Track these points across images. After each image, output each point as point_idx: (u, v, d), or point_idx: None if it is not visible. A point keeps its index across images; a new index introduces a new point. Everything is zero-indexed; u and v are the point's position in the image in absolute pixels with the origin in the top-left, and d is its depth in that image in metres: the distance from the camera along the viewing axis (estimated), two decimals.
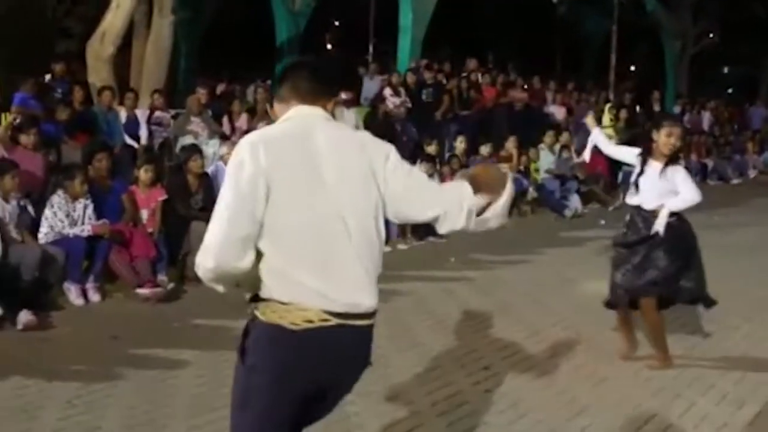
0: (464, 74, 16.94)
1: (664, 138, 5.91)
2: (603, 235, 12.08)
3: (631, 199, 6.17)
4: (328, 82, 3.05)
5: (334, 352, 2.81)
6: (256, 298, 2.85)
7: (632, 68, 37.11)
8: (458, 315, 7.34)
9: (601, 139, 6.91)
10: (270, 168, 2.73)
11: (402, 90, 14.95)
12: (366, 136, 3.07)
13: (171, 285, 7.81)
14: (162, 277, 7.83)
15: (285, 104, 2.99)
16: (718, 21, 30.66)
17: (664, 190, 5.94)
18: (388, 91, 15.08)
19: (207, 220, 2.52)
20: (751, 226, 12.96)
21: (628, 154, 6.38)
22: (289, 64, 3.30)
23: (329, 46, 34.75)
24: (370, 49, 25.64)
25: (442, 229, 3.01)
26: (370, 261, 2.83)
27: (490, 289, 8.41)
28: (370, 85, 17.46)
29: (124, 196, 8.11)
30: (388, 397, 5.29)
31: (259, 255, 2.76)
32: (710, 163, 20.45)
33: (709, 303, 6.25)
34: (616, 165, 16.23)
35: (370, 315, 2.85)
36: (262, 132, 2.93)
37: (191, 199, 8.54)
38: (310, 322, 2.75)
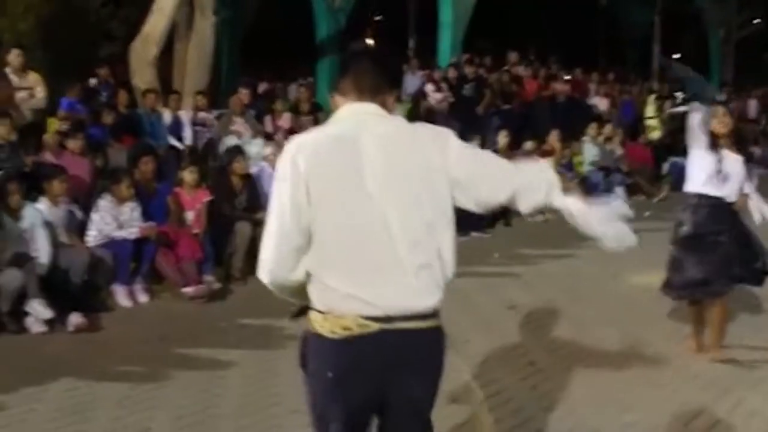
0: (505, 68, 16.87)
1: (713, 120, 5.91)
2: (648, 227, 11.92)
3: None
4: (390, 75, 2.91)
5: (382, 357, 2.72)
6: (307, 309, 2.82)
7: (677, 57, 36.66)
8: (502, 311, 7.33)
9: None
10: (309, 174, 2.67)
11: (444, 85, 14.92)
12: (422, 128, 2.90)
13: (217, 285, 7.88)
14: (208, 278, 7.90)
15: (344, 97, 2.86)
16: (763, 7, 30.16)
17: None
18: (430, 87, 15.07)
19: (251, 220, 2.57)
20: None
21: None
22: (351, 52, 3.18)
23: (370, 42, 34.78)
24: (411, 44, 25.66)
25: (521, 207, 2.89)
26: (421, 262, 2.71)
27: (535, 284, 8.39)
28: (411, 81, 17.45)
29: (170, 197, 8.20)
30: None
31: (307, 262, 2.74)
32: (757, 151, 20.11)
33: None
34: (660, 156, 16.11)
35: (423, 317, 2.74)
36: (306, 137, 2.80)
37: (235, 200, 8.61)
38: (348, 329, 2.69)
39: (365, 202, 2.69)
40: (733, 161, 5.90)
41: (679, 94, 19.34)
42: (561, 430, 4.79)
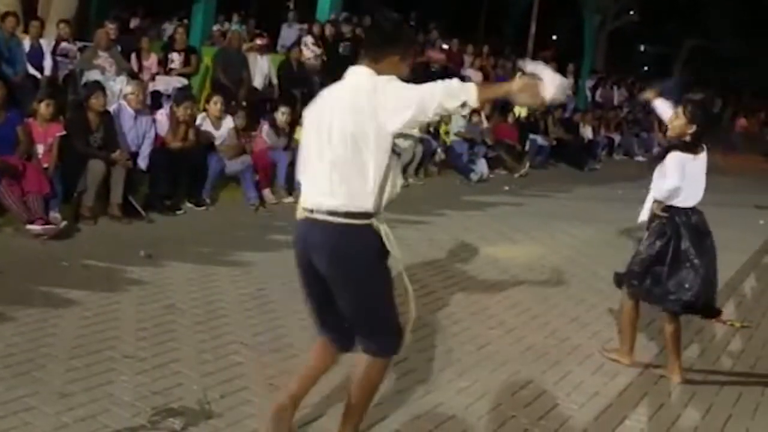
0: None
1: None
2: (505, 201, 12.35)
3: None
4: (389, 43, 3.71)
5: (308, 236, 3.72)
6: None
7: (554, 38, 37.52)
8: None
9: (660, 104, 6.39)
10: (307, 114, 3.81)
11: (318, 43, 14.81)
12: (364, 84, 3.61)
13: (64, 223, 7.63)
14: (55, 215, 7.65)
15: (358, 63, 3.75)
16: None
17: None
18: (309, 40, 14.92)
19: (105, 159, 3.04)
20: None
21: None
22: (371, 23, 4.30)
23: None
24: None
25: (449, 106, 3.54)
26: (344, 174, 3.58)
27: None
28: (288, 33, 17.26)
29: (20, 128, 7.85)
30: (275, 349, 5.33)
31: None
32: (617, 138, 20.89)
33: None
34: (524, 133, 16.51)
35: (335, 213, 3.59)
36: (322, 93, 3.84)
37: (90, 137, 8.34)
38: (301, 214, 3.76)
39: (319, 135, 3.67)
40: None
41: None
42: (391, 390, 4.87)
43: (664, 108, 6.28)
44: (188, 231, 8.38)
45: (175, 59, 12.33)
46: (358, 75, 3.68)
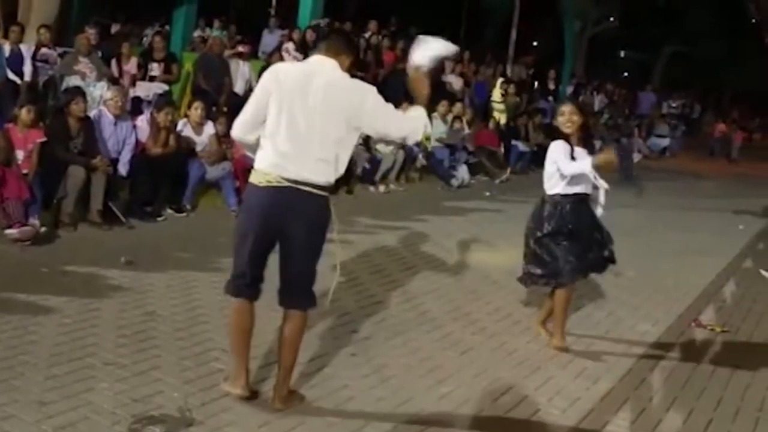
0: (364, 35, 16.88)
1: (559, 118, 6.01)
2: (486, 206, 12.38)
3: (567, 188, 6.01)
4: (347, 46, 4.50)
5: (285, 203, 4.23)
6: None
7: (535, 44, 37.67)
8: (332, 276, 7.35)
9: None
10: (275, 84, 4.28)
11: (300, 48, 14.80)
12: (355, 83, 4.35)
13: (43, 229, 7.58)
14: (34, 221, 7.59)
15: (317, 52, 4.44)
16: (619, 5, 31.34)
17: None
18: (291, 46, 14.91)
19: (85, 165, 3.47)
20: (629, 208, 13.36)
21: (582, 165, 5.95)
22: (331, 30, 5.29)
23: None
24: (273, 2, 25.33)
25: (409, 142, 4.60)
26: (323, 159, 4.24)
27: (368, 252, 8.46)
28: (269, 39, 17.24)
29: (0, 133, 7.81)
30: (254, 356, 5.27)
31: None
32: (598, 144, 20.93)
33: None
34: (506, 139, 16.56)
35: (317, 186, 4.24)
36: (285, 65, 4.66)
37: (70, 143, 8.29)
38: (270, 182, 4.23)
39: (303, 112, 4.22)
40: (584, 156, 5.92)
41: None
42: (372, 397, 4.87)
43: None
44: (169, 237, 8.35)
45: (155, 68, 12.26)
46: (334, 67, 4.35)
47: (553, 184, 6.02)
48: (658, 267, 9.24)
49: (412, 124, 4.43)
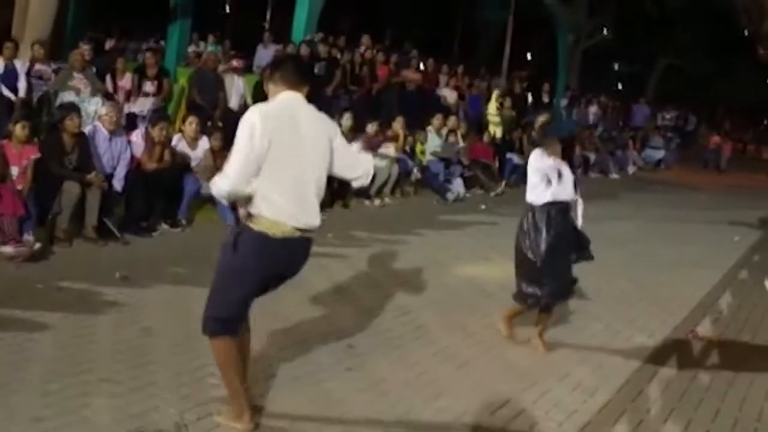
0: (359, 50, 16.91)
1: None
2: (482, 220, 12.37)
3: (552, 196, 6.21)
4: (305, 74, 4.50)
5: (294, 251, 4.31)
6: (249, 215, 4.25)
7: (529, 58, 37.78)
8: (329, 291, 7.37)
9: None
10: (273, 131, 4.12)
11: None
12: (324, 117, 4.46)
13: (38, 245, 7.56)
14: (29, 237, 7.57)
15: (276, 87, 4.35)
16: (612, 18, 31.45)
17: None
18: None
19: (80, 181, 3.38)
20: (625, 220, 13.43)
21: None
22: (279, 58, 5.00)
23: (227, 10, 34.21)
24: (267, 17, 25.40)
25: (355, 184, 4.72)
26: (318, 197, 4.32)
27: (364, 267, 8.46)
28: (264, 54, 17.27)
29: None
30: (252, 370, 5.28)
31: (258, 185, 4.15)
32: (592, 156, 21.01)
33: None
34: (500, 152, 16.58)
35: (312, 231, 4.32)
36: (267, 107, 4.24)
37: (65, 159, 8.27)
38: (284, 233, 4.19)
39: (302, 152, 4.22)
40: (565, 166, 6.24)
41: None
42: (369, 411, 4.85)
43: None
44: (164, 252, 8.33)
45: (148, 85, 12.26)
46: (303, 101, 4.38)
47: (539, 194, 6.18)
48: (653, 279, 9.24)
49: (366, 166, 4.60)
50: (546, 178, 6.16)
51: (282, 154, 4.14)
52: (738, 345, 7.17)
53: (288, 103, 4.30)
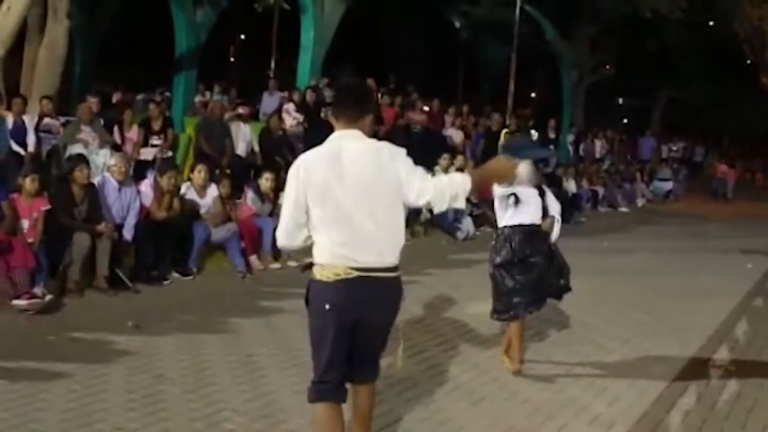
0: None
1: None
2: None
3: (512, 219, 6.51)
4: (364, 105, 4.09)
5: (360, 294, 3.91)
6: (310, 266, 4.05)
7: (533, 95, 37.97)
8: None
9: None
10: (306, 181, 3.93)
11: (299, 111, 14.95)
12: (383, 146, 4.04)
13: (49, 297, 7.57)
14: (40, 289, 7.58)
15: (336, 121, 4.06)
16: (614, 53, 31.61)
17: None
18: (291, 107, 15.04)
19: (90, 232, 3.08)
20: (636, 252, 13.39)
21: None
22: (338, 88, 4.44)
23: (232, 59, 34.56)
24: (272, 64, 25.63)
25: (435, 210, 4.17)
26: (386, 232, 3.96)
27: None
28: (270, 101, 17.40)
29: (4, 203, 7.83)
30: (266, 414, 5.26)
31: (312, 234, 4.00)
32: (601, 190, 21.01)
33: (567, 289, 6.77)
34: None
35: (384, 269, 3.94)
36: (308, 154, 4.05)
37: (75, 210, 8.33)
38: (338, 275, 3.89)
39: (345, 195, 3.90)
40: (527, 191, 6.48)
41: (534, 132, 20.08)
42: None
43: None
44: (175, 300, 8.33)
45: (154, 139, 12.38)
46: (357, 136, 4.02)
47: (500, 217, 6.57)
48: (668, 309, 9.20)
49: (449, 190, 4.02)
50: (504, 203, 6.50)
51: (321, 198, 3.91)
52: (756, 372, 7.09)
53: (335, 143, 4.01)
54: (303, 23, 18.24)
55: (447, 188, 3.99)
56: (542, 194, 6.63)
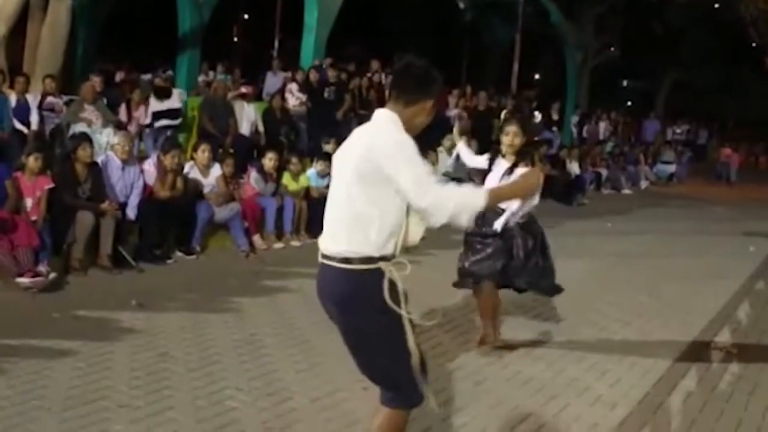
0: (367, 74, 16.99)
1: (504, 137, 6.30)
2: None
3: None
4: (406, 84, 3.58)
5: (318, 284, 3.60)
6: None
7: (537, 77, 37.86)
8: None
9: (464, 151, 7.09)
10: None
11: (303, 90, 14.91)
12: (373, 134, 3.50)
13: (53, 275, 7.59)
14: (44, 267, 7.60)
15: (387, 98, 3.64)
16: (619, 35, 31.52)
17: None
18: (294, 87, 15.01)
19: (93, 210, 2.71)
20: (640, 234, 13.39)
21: (482, 161, 6.66)
22: (398, 67, 3.76)
23: (235, 39, 34.45)
24: (276, 44, 25.54)
25: (430, 222, 3.49)
26: (346, 216, 3.45)
27: None
28: (273, 81, 17.36)
29: (7, 182, 7.86)
30: (269, 393, 5.28)
31: None
32: (604, 172, 20.99)
33: (554, 291, 6.70)
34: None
35: (337, 258, 3.45)
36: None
37: (78, 189, 8.33)
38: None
39: (336, 176, 3.59)
40: (499, 169, 6.37)
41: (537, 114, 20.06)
42: None
43: (466, 153, 7.08)
44: (179, 279, 8.35)
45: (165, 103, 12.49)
46: (388, 120, 3.56)
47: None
48: (671, 291, 9.21)
49: (452, 205, 3.36)
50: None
51: (333, 177, 3.67)
52: (758, 354, 7.11)
53: (367, 124, 3.64)
54: (307, 3, 18.15)
55: (450, 202, 3.34)
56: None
